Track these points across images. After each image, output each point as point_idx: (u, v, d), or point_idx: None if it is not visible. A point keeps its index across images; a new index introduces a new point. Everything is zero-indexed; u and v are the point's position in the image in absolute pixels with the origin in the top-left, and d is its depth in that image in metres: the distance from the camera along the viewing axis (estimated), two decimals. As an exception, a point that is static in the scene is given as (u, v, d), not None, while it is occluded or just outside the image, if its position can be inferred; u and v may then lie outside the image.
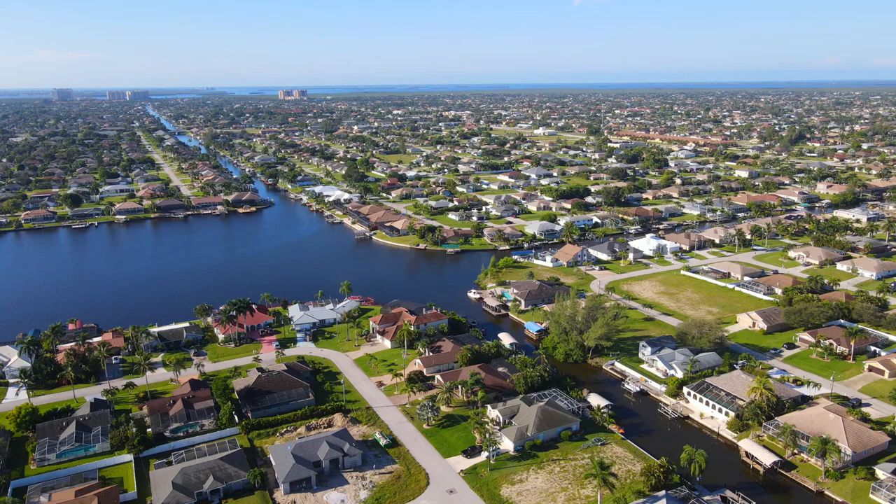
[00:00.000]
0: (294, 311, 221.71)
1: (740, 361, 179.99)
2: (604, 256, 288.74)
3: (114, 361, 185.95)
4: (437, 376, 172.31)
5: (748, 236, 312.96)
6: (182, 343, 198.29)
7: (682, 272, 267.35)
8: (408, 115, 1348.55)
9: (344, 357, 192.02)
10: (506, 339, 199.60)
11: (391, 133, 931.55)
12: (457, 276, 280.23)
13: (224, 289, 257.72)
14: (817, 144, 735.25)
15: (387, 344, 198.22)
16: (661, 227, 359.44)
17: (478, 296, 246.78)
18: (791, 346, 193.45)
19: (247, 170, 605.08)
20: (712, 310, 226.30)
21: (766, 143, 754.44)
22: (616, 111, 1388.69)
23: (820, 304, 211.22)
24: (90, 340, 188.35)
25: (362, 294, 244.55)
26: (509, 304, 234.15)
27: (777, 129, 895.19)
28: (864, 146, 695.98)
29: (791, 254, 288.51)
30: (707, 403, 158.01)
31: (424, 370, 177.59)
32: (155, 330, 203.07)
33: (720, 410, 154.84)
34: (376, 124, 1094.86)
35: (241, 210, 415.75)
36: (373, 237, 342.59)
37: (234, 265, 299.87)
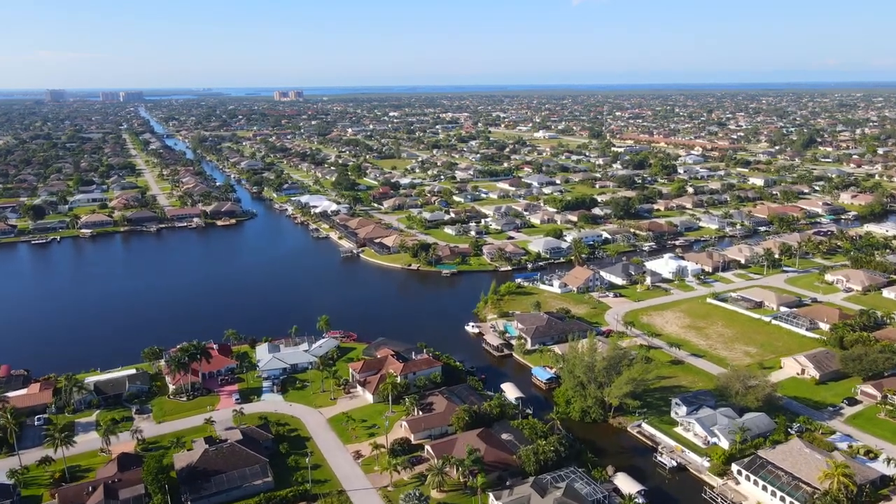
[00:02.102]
0: (262, 352, 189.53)
1: (796, 425, 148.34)
2: (618, 280, 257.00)
3: (37, 422, 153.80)
4: (428, 446, 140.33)
5: (776, 255, 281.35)
6: (124, 396, 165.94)
7: (709, 300, 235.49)
8: (404, 116, 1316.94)
9: (316, 415, 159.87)
10: (510, 391, 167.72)
11: (386, 136, 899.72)
12: (453, 302, 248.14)
13: (186, 319, 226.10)
14: (830, 149, 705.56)
15: (368, 398, 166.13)
16: (676, 242, 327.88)
17: (477, 330, 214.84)
18: (852, 401, 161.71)
19: (232, 176, 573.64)
20: (749, 350, 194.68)
21: (777, 147, 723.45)
22: (617, 113, 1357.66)
23: (879, 345, 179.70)
24: (7, 396, 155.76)
25: (343, 328, 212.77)
26: (513, 341, 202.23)
27: (785, 132, 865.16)
28: (880, 151, 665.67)
29: (828, 277, 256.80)
30: (764, 488, 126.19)
31: (412, 436, 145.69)
32: (92, 379, 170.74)
33: (782, 499, 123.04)
34: (371, 127, 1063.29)
35: (219, 222, 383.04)
36: (360, 255, 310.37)
37: (201, 289, 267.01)
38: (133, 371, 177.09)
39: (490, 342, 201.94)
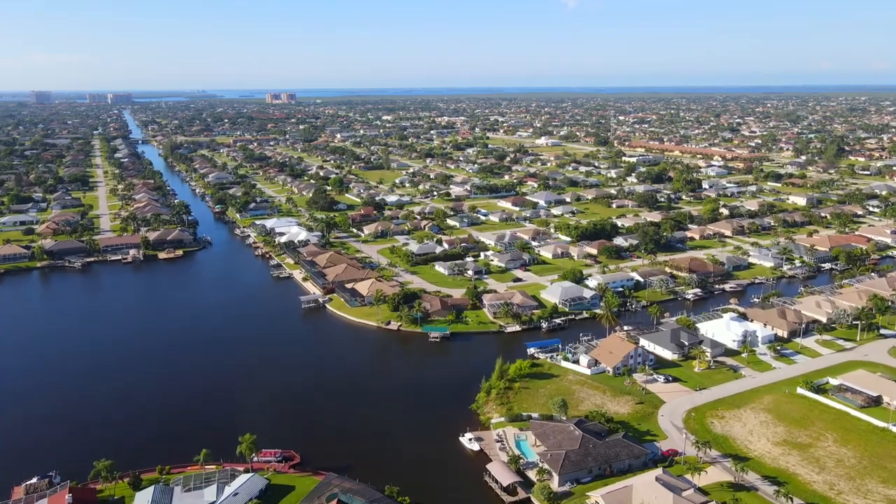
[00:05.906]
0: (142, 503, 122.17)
1: None
2: (666, 353, 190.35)
3: None
4: None
5: (872, 312, 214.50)
6: None
7: (801, 391, 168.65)
8: (397, 121, 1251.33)
9: None
10: None
11: (377, 143, 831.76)
12: (443, 386, 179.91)
13: (50, 431, 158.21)
14: (862, 159, 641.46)
15: None
16: (726, 287, 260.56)
17: (477, 447, 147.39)
18: None
19: (197, 190, 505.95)
20: (892, 494, 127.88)
21: (804, 157, 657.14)
22: (621, 118, 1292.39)
23: None
24: None
25: (282, 445, 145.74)
26: (531, 472, 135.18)
27: (807, 139, 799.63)
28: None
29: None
30: None
31: None
32: None
33: None
34: (362, 132, 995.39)
35: (161, 255, 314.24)
36: (326, 305, 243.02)
37: (91, 373, 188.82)
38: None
39: (497, 476, 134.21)
